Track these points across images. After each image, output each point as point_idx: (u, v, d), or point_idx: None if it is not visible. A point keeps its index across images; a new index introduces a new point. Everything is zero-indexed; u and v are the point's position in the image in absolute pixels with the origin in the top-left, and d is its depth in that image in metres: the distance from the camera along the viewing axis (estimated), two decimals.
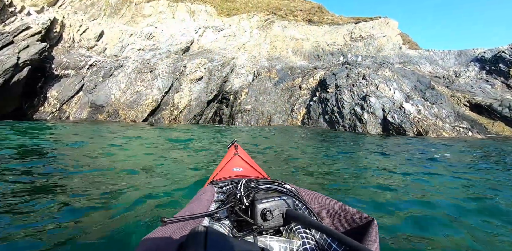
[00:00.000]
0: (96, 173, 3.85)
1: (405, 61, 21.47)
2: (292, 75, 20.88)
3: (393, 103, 13.68)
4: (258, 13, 32.40)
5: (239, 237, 0.74)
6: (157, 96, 15.75)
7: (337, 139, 10.04)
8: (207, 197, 0.98)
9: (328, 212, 0.83)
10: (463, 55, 21.27)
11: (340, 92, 15.34)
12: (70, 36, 17.89)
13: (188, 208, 0.88)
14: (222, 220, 0.81)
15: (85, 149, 5.73)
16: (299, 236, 0.74)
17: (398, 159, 6.18)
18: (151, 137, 8.10)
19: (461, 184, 4.14)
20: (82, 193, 2.97)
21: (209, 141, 7.89)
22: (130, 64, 17.04)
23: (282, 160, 5.58)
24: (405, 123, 12.37)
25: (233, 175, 1.63)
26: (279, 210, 0.76)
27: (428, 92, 15.88)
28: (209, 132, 10.97)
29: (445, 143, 9.57)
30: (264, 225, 0.74)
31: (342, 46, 27.00)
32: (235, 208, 0.81)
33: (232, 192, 0.95)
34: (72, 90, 14.83)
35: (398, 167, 5.25)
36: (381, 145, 8.55)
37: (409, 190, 3.67)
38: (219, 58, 21.42)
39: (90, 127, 10.52)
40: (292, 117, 17.34)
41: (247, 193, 0.85)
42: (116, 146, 6.46)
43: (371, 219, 0.71)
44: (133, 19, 24.81)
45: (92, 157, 4.88)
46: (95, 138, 7.38)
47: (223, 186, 1.18)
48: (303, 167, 5.00)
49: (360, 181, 4.08)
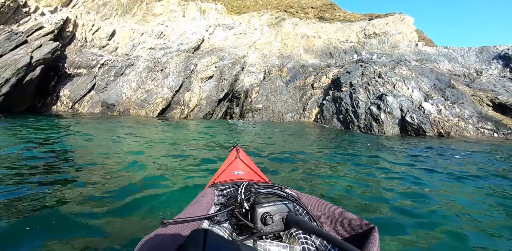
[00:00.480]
0: (93, 167, 3.88)
1: (422, 59, 20.61)
2: (304, 74, 20.39)
3: (411, 102, 13.06)
4: (269, 10, 31.97)
5: (239, 241, 0.73)
6: (168, 95, 15.62)
7: (353, 141, 9.60)
8: (207, 199, 0.98)
9: (329, 218, 0.82)
10: (485, 52, 20.24)
11: (354, 91, 14.79)
12: (82, 36, 17.97)
13: (188, 210, 0.88)
14: (222, 223, 0.81)
15: (90, 144, 5.72)
16: (299, 242, 0.73)
17: (428, 165, 5.72)
18: (160, 133, 7.94)
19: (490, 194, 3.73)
20: (79, 194, 2.92)
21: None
22: (141, 63, 16.98)
23: (291, 162, 5.29)
24: (425, 123, 11.76)
25: (234, 178, 1.63)
26: (280, 215, 0.75)
27: (448, 91, 15.12)
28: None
29: (470, 146, 8.99)
30: (264, 229, 0.73)
31: (355, 44, 26.26)
32: (235, 212, 0.80)
33: (233, 195, 0.93)
34: (84, 89, 14.87)
35: (426, 176, 4.80)
36: (406, 150, 8.07)
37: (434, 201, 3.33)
38: (230, 57, 21.14)
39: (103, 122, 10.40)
40: (304, 117, 16.89)
41: (248, 196, 0.83)
42: (120, 139, 6.40)
43: (372, 226, 0.69)
44: (144, 18, 24.83)
45: (96, 153, 4.90)
46: (104, 132, 7.21)
47: (223, 189, 1.16)
48: (316, 171, 4.68)
49: (380, 191, 3.72)
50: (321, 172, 4.69)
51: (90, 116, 12.82)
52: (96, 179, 3.44)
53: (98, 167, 3.98)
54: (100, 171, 3.80)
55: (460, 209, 3.12)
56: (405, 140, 10.28)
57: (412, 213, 2.92)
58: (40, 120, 9.66)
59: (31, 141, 5.48)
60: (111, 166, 4.09)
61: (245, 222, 0.75)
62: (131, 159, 4.62)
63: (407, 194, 3.62)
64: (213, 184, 1.44)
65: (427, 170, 5.10)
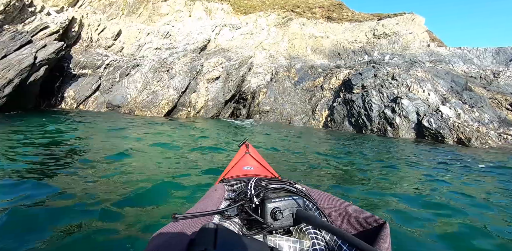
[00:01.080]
0: (102, 166, 3.89)
1: (436, 60, 19.90)
2: (313, 75, 19.84)
3: (428, 106, 12.45)
4: (275, 10, 31.56)
5: (249, 235, 0.73)
6: (174, 96, 15.23)
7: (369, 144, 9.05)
8: (217, 195, 0.97)
9: (339, 213, 0.81)
10: (502, 53, 19.46)
11: (367, 93, 14.20)
12: (88, 36, 17.70)
13: (199, 205, 0.88)
14: (232, 218, 0.81)
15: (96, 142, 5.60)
16: (309, 237, 0.72)
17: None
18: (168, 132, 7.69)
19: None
20: (93, 188, 2.98)
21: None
22: (146, 63, 16.63)
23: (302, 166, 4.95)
24: (444, 128, 11.15)
25: (243, 174, 1.63)
26: (289, 210, 0.75)
27: (466, 93, 14.45)
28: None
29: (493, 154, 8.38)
30: (274, 224, 0.73)
31: (365, 44, 25.63)
32: (245, 207, 0.80)
33: (243, 190, 0.94)
34: (89, 89, 14.56)
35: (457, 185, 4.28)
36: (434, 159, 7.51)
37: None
38: (236, 57, 20.70)
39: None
40: (314, 119, 16.34)
41: (258, 192, 0.84)
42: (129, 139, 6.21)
43: (383, 222, 0.69)
44: (150, 18, 24.58)
45: (103, 149, 4.91)
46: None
47: (233, 185, 1.17)
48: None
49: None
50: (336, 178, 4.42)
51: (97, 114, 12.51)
52: (105, 174, 3.50)
53: (105, 164, 4.03)
54: (109, 167, 3.87)
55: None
56: (427, 145, 9.71)
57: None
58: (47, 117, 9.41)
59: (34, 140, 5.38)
60: (119, 162, 4.16)
61: (255, 217, 0.75)
62: (141, 156, 4.68)
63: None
64: (223, 179, 1.44)
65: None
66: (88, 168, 3.72)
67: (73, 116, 10.86)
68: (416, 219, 2.80)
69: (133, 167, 3.96)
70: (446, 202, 3.48)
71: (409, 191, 3.99)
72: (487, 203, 3.64)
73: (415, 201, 3.46)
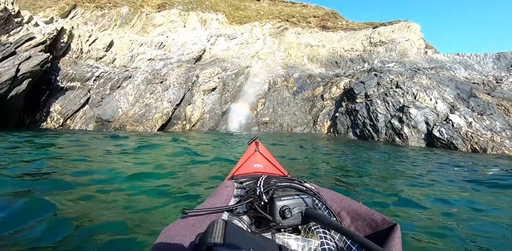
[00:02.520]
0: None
1: (437, 67, 19.54)
2: (312, 84, 19.26)
3: (437, 114, 11.81)
4: (270, 20, 31.56)
5: (257, 233, 0.73)
6: (168, 109, 14.40)
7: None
8: (227, 192, 0.97)
9: (349, 213, 0.80)
10: (503, 59, 19.19)
11: (371, 102, 13.55)
12: (78, 47, 16.99)
13: (208, 202, 0.89)
14: (241, 215, 0.81)
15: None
16: (318, 236, 0.72)
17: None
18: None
19: None
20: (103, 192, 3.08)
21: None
22: (139, 74, 15.88)
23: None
24: (456, 139, 10.46)
25: (253, 171, 1.61)
26: (298, 209, 0.75)
27: (472, 100, 13.91)
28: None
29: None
30: (282, 222, 0.73)
31: (362, 52, 25.41)
32: (254, 204, 0.80)
33: (252, 188, 0.94)
34: (77, 103, 13.69)
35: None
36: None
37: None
38: (233, 67, 20.13)
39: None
40: (316, 130, 15.59)
41: (267, 189, 0.84)
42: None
43: (394, 224, 0.68)
44: (144, 29, 24.12)
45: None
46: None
47: (243, 182, 1.16)
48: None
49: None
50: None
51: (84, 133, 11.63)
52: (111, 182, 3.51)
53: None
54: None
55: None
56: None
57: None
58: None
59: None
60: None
61: (264, 214, 0.75)
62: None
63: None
64: (233, 176, 1.44)
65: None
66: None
67: (53, 136, 9.94)
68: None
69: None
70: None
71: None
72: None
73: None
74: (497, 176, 5.55)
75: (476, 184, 4.65)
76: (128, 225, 2.26)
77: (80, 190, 3.19)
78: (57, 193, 3.02)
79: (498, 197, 3.90)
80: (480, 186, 4.61)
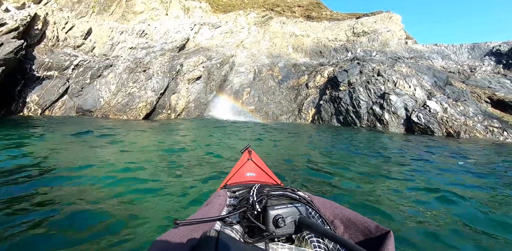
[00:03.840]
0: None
1: (416, 56, 20.19)
2: (297, 73, 19.44)
3: (415, 101, 12.34)
4: (255, 9, 31.16)
5: (251, 243, 0.73)
6: (152, 98, 14.18)
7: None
8: (219, 201, 0.96)
9: (342, 221, 0.80)
10: (477, 49, 20.06)
11: (354, 90, 13.93)
12: (54, 34, 16.19)
13: (200, 212, 0.88)
14: (233, 225, 0.80)
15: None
16: (312, 245, 0.72)
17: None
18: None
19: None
20: (93, 196, 2.96)
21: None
22: (120, 63, 15.43)
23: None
24: (433, 123, 11.03)
25: (246, 180, 1.61)
26: (292, 218, 0.74)
27: (448, 88, 14.58)
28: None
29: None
30: (276, 232, 0.72)
31: (345, 42, 25.73)
32: (247, 214, 0.79)
33: (245, 197, 0.93)
34: (56, 93, 13.19)
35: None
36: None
37: None
38: (218, 56, 19.91)
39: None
40: (301, 118, 15.89)
41: (260, 198, 0.84)
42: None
43: (387, 231, 0.67)
44: (124, 16, 23.18)
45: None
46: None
47: (235, 191, 1.16)
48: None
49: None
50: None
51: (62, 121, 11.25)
52: (100, 185, 3.36)
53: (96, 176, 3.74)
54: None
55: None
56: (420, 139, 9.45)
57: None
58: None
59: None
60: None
61: (257, 224, 0.74)
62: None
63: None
64: (225, 185, 1.42)
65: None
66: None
67: (35, 123, 9.59)
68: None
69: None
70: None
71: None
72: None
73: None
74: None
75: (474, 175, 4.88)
76: (115, 236, 2.15)
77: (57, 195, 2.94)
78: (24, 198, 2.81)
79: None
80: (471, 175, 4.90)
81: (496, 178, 4.65)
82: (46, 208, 2.64)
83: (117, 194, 3.15)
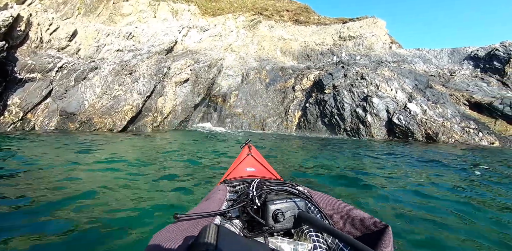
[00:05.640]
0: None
1: (399, 60, 20.85)
2: (284, 76, 19.74)
3: (396, 103, 12.76)
4: (244, 13, 31.44)
5: (250, 237, 0.73)
6: (138, 101, 14.11)
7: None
8: (219, 196, 0.97)
9: (341, 216, 0.81)
10: (456, 53, 20.88)
11: (338, 93, 14.27)
12: (37, 36, 15.91)
13: (200, 206, 0.88)
14: (233, 219, 0.80)
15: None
16: (311, 239, 0.72)
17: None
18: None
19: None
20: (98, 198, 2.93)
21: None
22: (106, 65, 15.30)
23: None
24: (413, 125, 11.43)
25: (245, 175, 1.63)
26: (291, 212, 0.75)
27: (428, 91, 15.12)
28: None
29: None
30: (275, 226, 0.73)
31: (332, 46, 26.29)
32: (247, 208, 0.80)
33: (245, 192, 0.93)
34: (38, 96, 12.96)
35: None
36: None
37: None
38: (206, 59, 19.99)
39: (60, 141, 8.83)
40: (287, 121, 16.12)
41: (260, 193, 0.84)
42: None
43: (385, 226, 0.68)
44: (111, 18, 23.00)
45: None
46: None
47: (235, 186, 1.16)
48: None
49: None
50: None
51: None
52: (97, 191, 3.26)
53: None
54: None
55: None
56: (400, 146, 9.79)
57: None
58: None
59: None
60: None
61: (257, 218, 0.75)
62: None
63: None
64: (225, 180, 1.44)
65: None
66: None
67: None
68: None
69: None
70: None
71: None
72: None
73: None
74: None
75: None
76: (113, 232, 2.16)
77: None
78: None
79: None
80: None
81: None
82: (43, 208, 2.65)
83: (115, 190, 3.17)
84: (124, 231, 2.18)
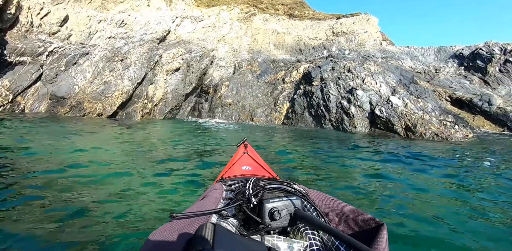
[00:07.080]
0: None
1: (387, 56, 21.41)
2: (275, 68, 20.08)
3: (380, 96, 13.28)
4: (239, 5, 31.37)
5: (247, 235, 0.73)
6: (129, 88, 14.28)
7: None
8: (215, 194, 0.98)
9: (336, 214, 0.81)
10: (442, 52, 21.55)
11: (325, 85, 14.73)
12: (28, 20, 15.78)
13: (197, 205, 0.89)
14: (229, 218, 0.81)
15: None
16: (307, 237, 0.73)
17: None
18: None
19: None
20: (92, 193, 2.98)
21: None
22: (97, 51, 15.36)
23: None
24: (393, 116, 11.99)
25: (242, 174, 1.65)
26: (287, 210, 0.76)
27: (412, 86, 15.72)
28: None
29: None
30: (271, 224, 0.73)
31: (324, 41, 26.63)
32: (243, 207, 0.80)
33: (241, 190, 0.95)
34: (28, 79, 13.01)
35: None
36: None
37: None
38: (198, 49, 20.12)
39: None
40: (276, 111, 16.54)
41: (256, 192, 0.84)
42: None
43: (380, 223, 0.69)
44: (104, 5, 22.73)
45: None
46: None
47: (232, 184, 1.18)
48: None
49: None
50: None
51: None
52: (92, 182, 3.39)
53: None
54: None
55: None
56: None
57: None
58: None
59: None
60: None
61: (253, 217, 0.75)
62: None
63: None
64: (222, 179, 1.44)
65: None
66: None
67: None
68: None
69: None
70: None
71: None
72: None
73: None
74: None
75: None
76: (108, 231, 2.13)
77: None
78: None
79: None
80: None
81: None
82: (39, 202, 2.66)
83: (110, 188, 3.14)
84: (118, 232, 2.14)
